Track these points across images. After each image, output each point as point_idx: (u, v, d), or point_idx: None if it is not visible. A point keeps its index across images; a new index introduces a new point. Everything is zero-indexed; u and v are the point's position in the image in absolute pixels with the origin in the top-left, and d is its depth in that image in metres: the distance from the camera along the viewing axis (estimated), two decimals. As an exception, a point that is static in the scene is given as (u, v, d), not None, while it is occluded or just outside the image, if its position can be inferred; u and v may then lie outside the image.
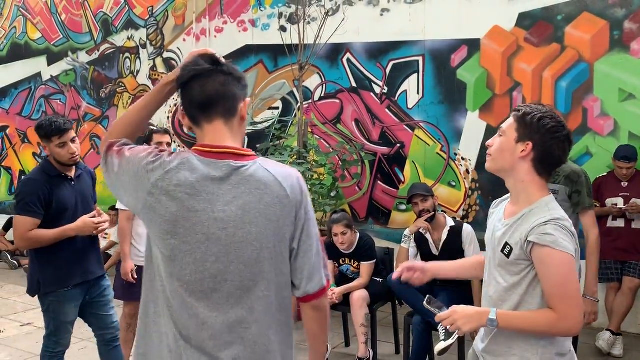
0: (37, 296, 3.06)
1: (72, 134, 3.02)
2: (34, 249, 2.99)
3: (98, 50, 7.77)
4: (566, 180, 3.00)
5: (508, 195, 1.95)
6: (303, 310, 1.58)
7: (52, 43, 8.23)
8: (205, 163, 1.44)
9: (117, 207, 3.77)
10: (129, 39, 7.50)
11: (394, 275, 2.09)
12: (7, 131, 8.72)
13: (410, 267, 2.03)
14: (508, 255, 1.76)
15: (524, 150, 1.75)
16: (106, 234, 7.39)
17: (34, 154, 8.40)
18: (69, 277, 2.98)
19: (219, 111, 1.46)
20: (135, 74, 7.47)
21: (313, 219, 1.54)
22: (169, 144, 3.52)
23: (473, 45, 5.27)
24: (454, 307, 1.82)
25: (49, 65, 8.25)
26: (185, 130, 6.63)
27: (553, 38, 4.93)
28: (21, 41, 8.55)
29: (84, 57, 7.92)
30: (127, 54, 7.53)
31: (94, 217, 3.00)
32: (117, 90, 7.64)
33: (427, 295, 2.03)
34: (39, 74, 8.37)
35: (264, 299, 1.47)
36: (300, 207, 1.49)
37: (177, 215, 1.42)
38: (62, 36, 8.12)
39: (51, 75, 8.25)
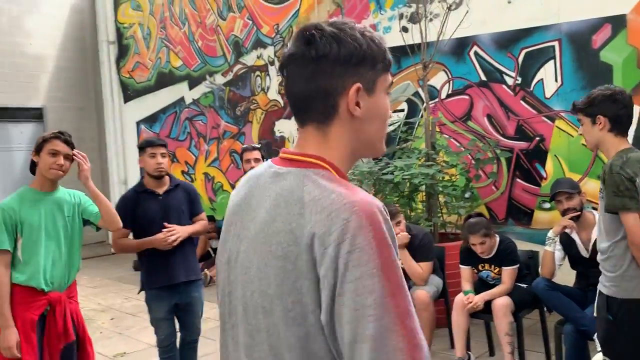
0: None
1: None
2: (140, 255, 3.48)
3: (232, 72, 8.25)
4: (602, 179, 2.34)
5: None
6: None
7: (191, 69, 8.90)
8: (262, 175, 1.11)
9: None
10: (258, 57, 7.86)
11: None
12: (159, 153, 9.58)
13: None
14: None
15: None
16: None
17: (183, 172, 9.13)
18: (153, 281, 3.40)
19: (312, 115, 1.04)
20: (266, 90, 7.81)
21: (371, 284, 0.87)
22: (256, 160, 3.60)
23: (617, 23, 4.73)
24: None
25: (190, 89, 8.93)
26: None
27: None
28: (165, 70, 9.36)
29: (219, 79, 8.46)
30: (257, 72, 7.90)
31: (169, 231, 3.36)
32: (251, 107, 8.04)
33: None
34: (182, 99, 9.09)
35: None
36: (324, 255, 0.89)
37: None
38: (199, 61, 8.75)
39: (193, 99, 8.93)
